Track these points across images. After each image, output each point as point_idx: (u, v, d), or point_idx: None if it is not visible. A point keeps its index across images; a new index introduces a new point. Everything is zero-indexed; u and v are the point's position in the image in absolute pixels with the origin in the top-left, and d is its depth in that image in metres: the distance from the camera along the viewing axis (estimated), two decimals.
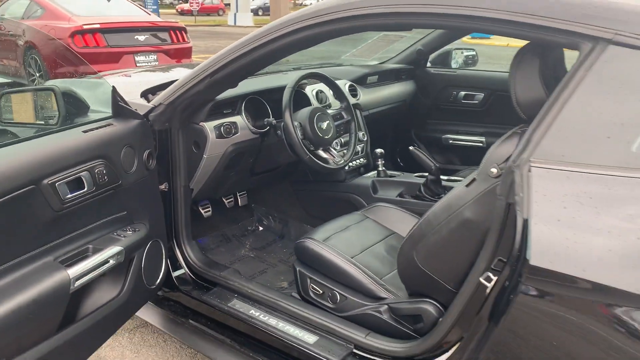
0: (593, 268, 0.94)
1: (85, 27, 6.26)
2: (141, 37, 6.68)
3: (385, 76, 2.77)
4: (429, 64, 2.94)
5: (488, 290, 1.13)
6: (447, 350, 1.30)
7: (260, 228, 2.47)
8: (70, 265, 1.29)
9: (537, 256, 0.99)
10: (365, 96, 2.54)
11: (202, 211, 2.26)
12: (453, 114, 2.87)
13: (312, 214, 2.36)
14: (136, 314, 1.90)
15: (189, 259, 1.85)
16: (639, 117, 1.01)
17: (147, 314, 1.94)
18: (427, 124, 2.97)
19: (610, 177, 0.99)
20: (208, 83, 1.64)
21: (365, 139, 2.40)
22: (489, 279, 1.14)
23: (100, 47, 6.33)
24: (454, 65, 2.90)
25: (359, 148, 2.36)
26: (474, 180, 1.32)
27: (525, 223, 1.01)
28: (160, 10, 25.88)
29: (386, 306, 1.59)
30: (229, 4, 27.38)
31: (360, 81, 2.60)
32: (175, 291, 1.87)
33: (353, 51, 3.30)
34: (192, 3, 26.59)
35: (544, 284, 1.00)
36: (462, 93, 2.81)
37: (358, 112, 2.42)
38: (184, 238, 1.86)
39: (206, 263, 1.88)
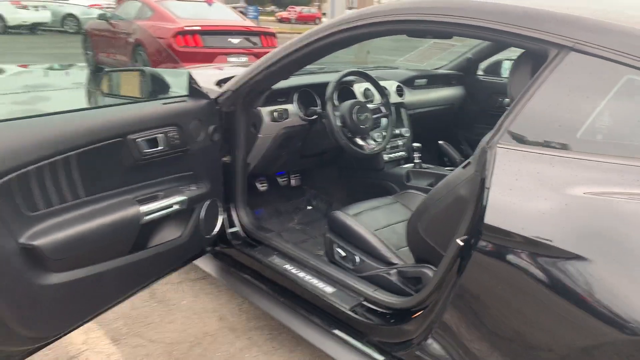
0: (529, 226, 1.19)
1: (186, 28, 6.94)
2: (234, 40, 7.27)
3: (434, 80, 3.02)
4: (480, 72, 3.15)
5: (459, 249, 1.38)
6: (431, 304, 1.55)
7: (309, 207, 2.80)
8: (143, 204, 1.69)
9: (490, 216, 1.25)
10: (412, 97, 2.81)
11: (259, 186, 2.64)
12: (498, 119, 3.04)
13: (354, 197, 2.66)
14: (198, 264, 2.31)
15: (242, 219, 2.22)
16: (586, 111, 1.23)
17: (206, 265, 2.32)
18: (474, 127, 3.17)
19: (555, 157, 1.22)
20: (265, 74, 2.00)
21: (408, 134, 2.67)
22: (463, 241, 1.39)
23: (198, 47, 6.98)
24: (504, 74, 3.09)
25: (400, 142, 2.64)
26: (469, 163, 1.58)
27: (487, 191, 1.27)
28: (260, 17, 27.11)
29: (395, 270, 1.86)
30: (325, 13, 28.17)
31: (408, 83, 2.88)
32: (229, 247, 2.24)
33: (406, 56, 3.57)
34: (290, 11, 27.59)
35: (494, 238, 1.25)
36: (507, 100, 2.99)
37: (403, 110, 2.70)
38: (239, 202, 2.23)
39: (255, 225, 2.24)
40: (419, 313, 1.57)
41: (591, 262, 1.09)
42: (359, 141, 2.31)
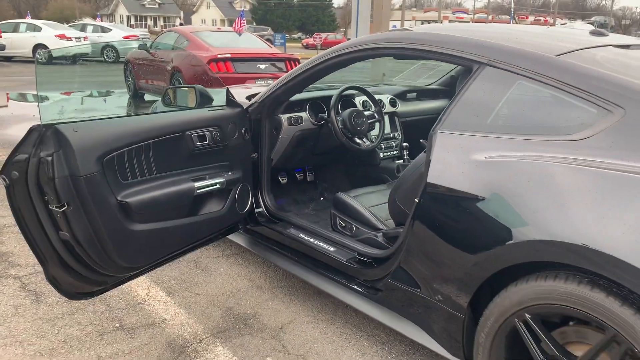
0: (453, 180, 1.80)
1: (219, 56, 7.74)
2: (262, 66, 8.04)
3: (424, 94, 3.65)
4: None
5: (415, 207, 1.98)
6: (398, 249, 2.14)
7: (322, 198, 3.43)
8: (195, 181, 2.34)
9: (430, 177, 1.87)
10: (403, 107, 3.44)
11: (280, 179, 3.28)
12: None
13: (357, 187, 3.27)
14: (233, 239, 2.94)
15: (266, 202, 2.86)
16: (493, 104, 1.84)
17: (239, 239, 2.96)
18: None
19: (472, 137, 1.83)
20: (283, 89, 2.67)
21: (400, 137, 3.30)
22: (418, 199, 2.00)
23: (229, 73, 7.76)
24: None
25: (394, 143, 3.26)
26: None
27: (430, 162, 1.89)
28: (287, 44, 28.03)
29: (381, 233, 2.47)
30: (350, 39, 28.90)
31: (401, 96, 3.52)
32: (256, 225, 2.87)
33: (401, 75, 4.22)
34: (316, 38, 28.64)
35: (432, 190, 1.86)
36: None
37: (396, 118, 3.33)
38: (264, 189, 2.88)
39: (276, 206, 2.88)
40: (391, 258, 2.18)
41: (488, 199, 1.69)
42: (357, 140, 2.95)
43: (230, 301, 2.71)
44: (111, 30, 20.83)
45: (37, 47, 18.04)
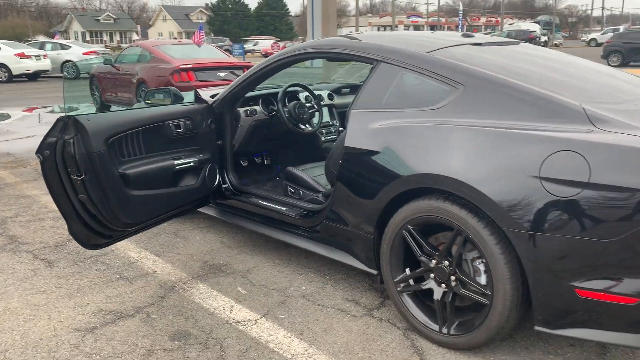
0: (359, 143, 2.57)
1: (181, 67, 8.42)
2: (221, 74, 8.75)
3: (355, 89, 4.46)
4: None
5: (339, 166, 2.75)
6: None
7: (277, 178, 4.18)
8: (174, 160, 3.05)
9: (346, 142, 2.64)
10: (339, 100, 4.25)
11: (242, 163, 4.02)
12: None
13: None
14: (206, 212, 3.66)
15: (231, 179, 3.60)
16: (385, 89, 2.63)
17: (212, 211, 3.67)
18: None
19: (372, 112, 2.62)
20: (239, 87, 3.42)
21: (337, 124, 4.10)
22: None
23: (192, 82, 8.44)
24: None
25: (332, 129, 4.06)
26: None
27: (346, 132, 2.67)
28: (246, 54, 28.58)
29: (320, 194, 3.24)
30: None
31: (337, 91, 4.33)
32: (224, 199, 3.60)
33: (337, 74, 5.04)
34: (274, 46, 29.46)
35: (348, 151, 2.63)
36: None
37: (334, 109, 4.13)
38: (228, 169, 3.61)
39: (239, 183, 3.62)
40: (326, 208, 2.94)
41: (380, 152, 2.48)
42: (301, 126, 3.72)
43: (206, 257, 3.43)
44: (70, 47, 21.11)
45: None
